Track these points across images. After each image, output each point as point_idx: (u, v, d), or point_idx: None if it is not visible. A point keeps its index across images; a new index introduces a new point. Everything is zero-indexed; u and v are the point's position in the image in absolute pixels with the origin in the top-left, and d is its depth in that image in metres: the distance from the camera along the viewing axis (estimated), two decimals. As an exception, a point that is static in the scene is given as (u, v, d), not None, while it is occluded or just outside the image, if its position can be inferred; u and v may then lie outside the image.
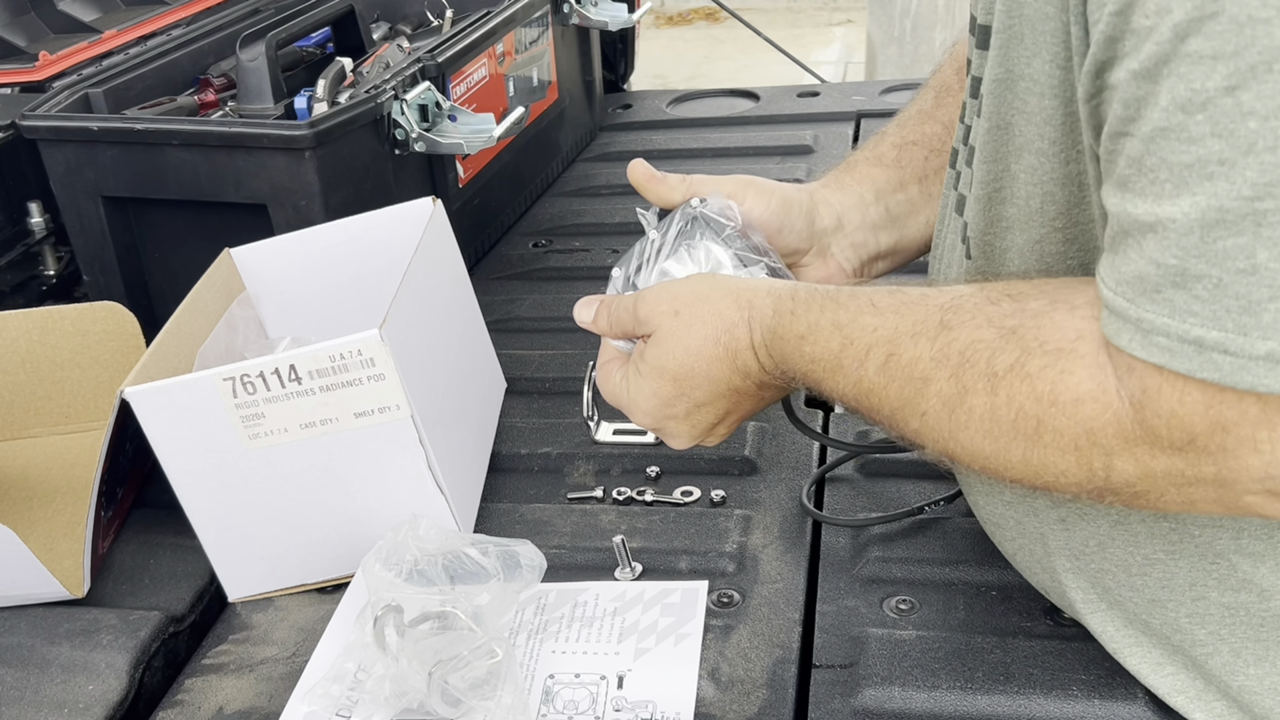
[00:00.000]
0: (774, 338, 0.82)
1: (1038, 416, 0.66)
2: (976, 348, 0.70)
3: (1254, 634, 0.73)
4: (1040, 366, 0.67)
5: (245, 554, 0.98)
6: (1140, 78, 0.58)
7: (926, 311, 0.74)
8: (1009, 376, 0.68)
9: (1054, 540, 0.82)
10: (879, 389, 0.76)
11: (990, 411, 0.69)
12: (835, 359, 0.78)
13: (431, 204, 1.13)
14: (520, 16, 1.60)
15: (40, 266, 1.44)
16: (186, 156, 1.23)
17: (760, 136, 1.88)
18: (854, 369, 0.77)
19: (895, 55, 4.38)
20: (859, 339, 0.77)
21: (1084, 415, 0.65)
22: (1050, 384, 0.66)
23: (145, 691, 0.92)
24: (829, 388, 0.80)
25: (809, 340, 0.80)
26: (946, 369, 0.71)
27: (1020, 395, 0.67)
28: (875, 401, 0.77)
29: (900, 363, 0.74)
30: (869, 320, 0.77)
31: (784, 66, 3.10)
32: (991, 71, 0.73)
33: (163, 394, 0.92)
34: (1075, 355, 0.65)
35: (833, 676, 0.85)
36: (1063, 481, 0.68)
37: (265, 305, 1.19)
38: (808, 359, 0.80)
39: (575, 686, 0.86)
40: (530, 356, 1.31)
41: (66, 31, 1.66)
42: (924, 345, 0.73)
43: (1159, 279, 0.59)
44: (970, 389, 0.70)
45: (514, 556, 0.90)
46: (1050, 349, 0.67)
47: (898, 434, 0.78)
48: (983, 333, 0.70)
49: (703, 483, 1.08)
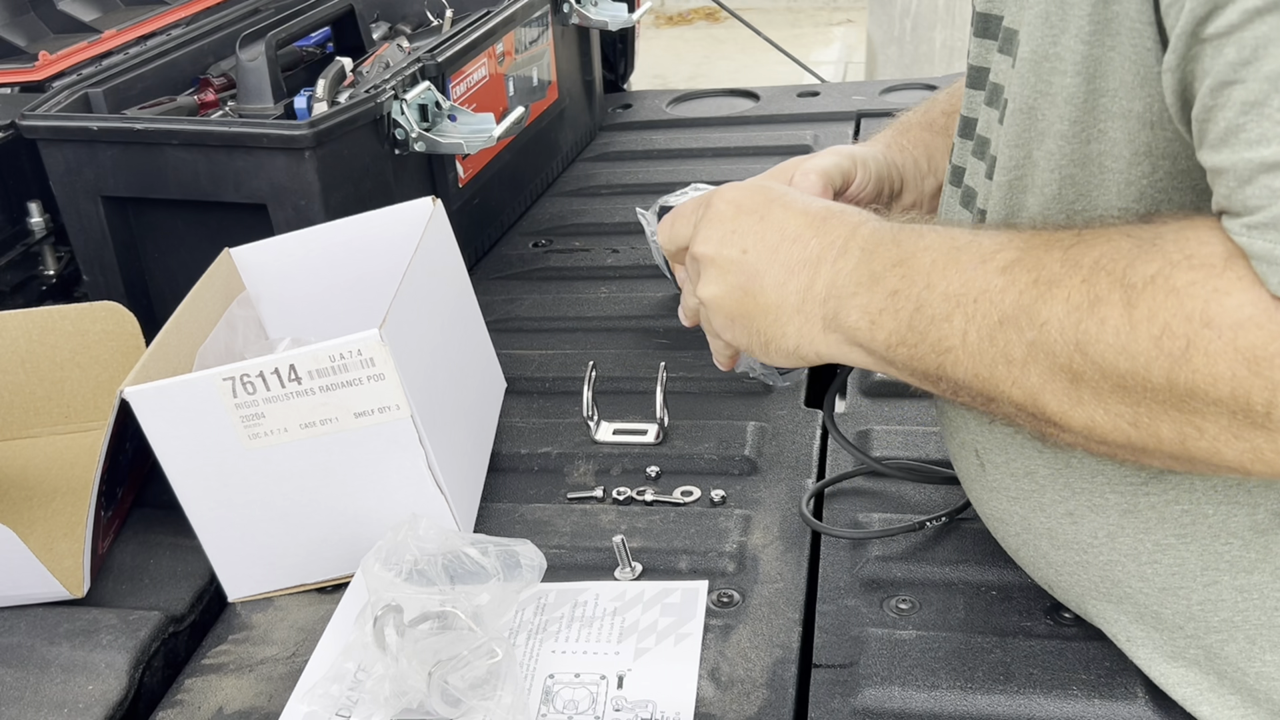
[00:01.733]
0: (891, 227, 0.75)
1: (1187, 336, 0.60)
2: (1113, 256, 0.63)
3: (1268, 618, 0.73)
4: (1188, 281, 0.60)
5: (245, 554, 0.98)
6: (1263, 14, 0.55)
7: (1063, 229, 0.68)
8: (1150, 289, 0.61)
9: (1062, 535, 0.82)
10: (995, 291, 0.67)
11: (1129, 326, 0.62)
12: (954, 250, 0.70)
13: (431, 204, 1.13)
14: (520, 16, 1.60)
15: (40, 266, 1.44)
16: (186, 156, 1.23)
17: (760, 136, 1.88)
18: (972, 266, 0.68)
19: (895, 55, 4.38)
20: (989, 238, 0.70)
21: (1246, 342, 0.58)
22: (1203, 302, 0.59)
23: (145, 691, 0.92)
24: (919, 286, 0.71)
25: (938, 230, 0.73)
26: (1078, 274, 0.64)
27: (1165, 310, 0.60)
28: (982, 306, 0.68)
29: (1027, 265, 0.66)
30: (1004, 232, 0.70)
31: (784, 66, 3.10)
32: (1024, 53, 0.71)
33: (162, 394, 0.92)
34: (1231, 274, 0.59)
35: (833, 676, 0.85)
36: (1209, 414, 0.61)
37: (265, 305, 1.19)
38: (922, 245, 0.72)
39: (575, 686, 0.86)
40: (530, 356, 1.31)
41: (66, 31, 1.66)
42: (1056, 253, 0.66)
43: None
44: (1103, 298, 0.63)
45: (514, 556, 0.90)
46: (1199, 263, 0.60)
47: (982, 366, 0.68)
48: (1119, 242, 0.64)
49: (703, 483, 1.08)
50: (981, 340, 0.68)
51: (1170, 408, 0.62)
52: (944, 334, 0.70)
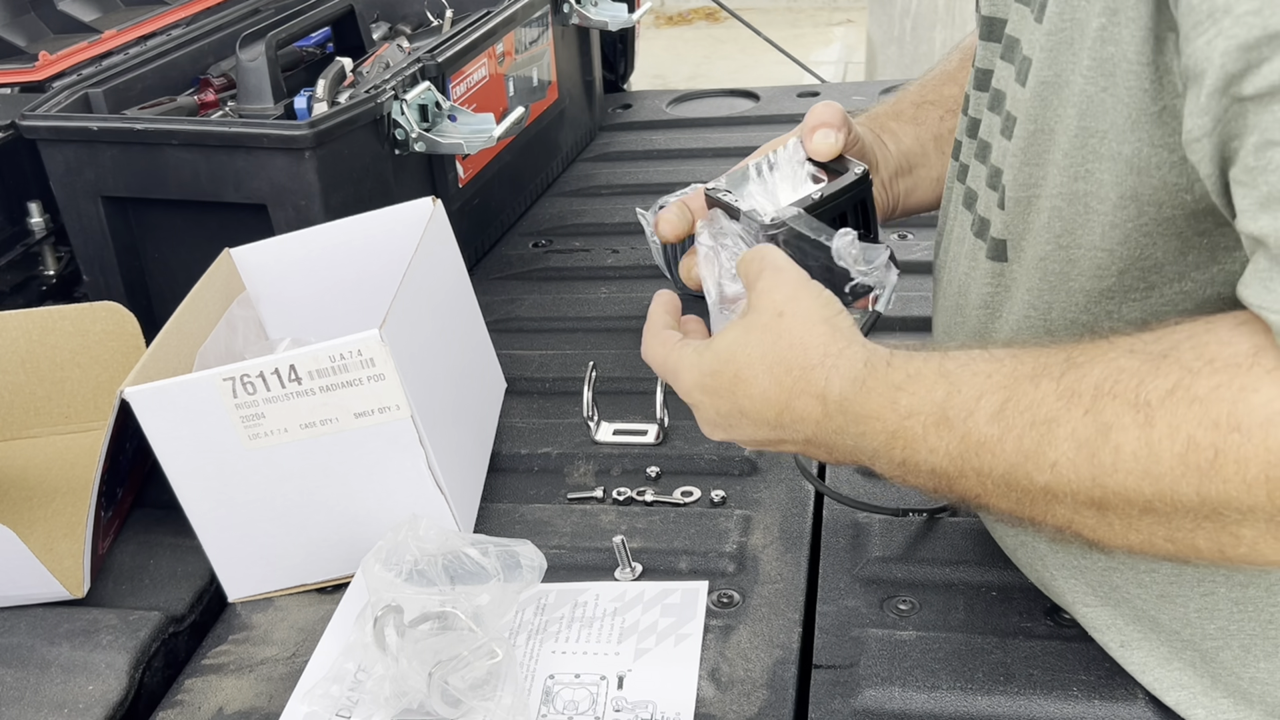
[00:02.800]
0: (859, 389, 0.71)
1: (1214, 446, 0.57)
2: (1118, 377, 0.60)
3: (1263, 630, 0.73)
4: (1211, 387, 0.57)
5: (245, 554, 0.98)
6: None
7: (1049, 353, 0.65)
8: (1168, 403, 0.58)
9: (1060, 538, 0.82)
10: (992, 442, 0.65)
11: (1147, 447, 0.59)
12: (938, 410, 0.67)
13: (431, 204, 1.13)
14: (520, 16, 1.60)
15: (40, 266, 1.44)
16: (186, 156, 1.23)
17: (760, 136, 1.87)
18: (961, 420, 0.66)
19: (895, 55, 4.38)
20: (968, 385, 0.67)
21: (1278, 439, 0.55)
22: (1229, 405, 0.56)
23: (145, 691, 0.92)
24: (922, 452, 0.68)
25: (907, 390, 0.69)
26: (1079, 406, 0.61)
27: (1188, 423, 0.57)
28: (986, 460, 0.65)
29: (1019, 407, 0.64)
30: (982, 366, 0.67)
31: (784, 66, 3.10)
32: (1039, 74, 0.69)
33: (163, 394, 0.92)
34: (1259, 370, 0.56)
35: (833, 677, 0.85)
36: (1246, 522, 0.58)
37: (265, 305, 1.19)
38: (902, 413, 0.69)
39: (575, 687, 0.86)
40: (530, 356, 1.31)
41: (66, 31, 1.66)
42: (1047, 385, 0.63)
43: None
44: (1114, 424, 0.60)
45: (514, 556, 0.90)
46: (1221, 366, 0.57)
47: (1011, 505, 0.67)
48: (1123, 361, 0.61)
49: (703, 483, 1.08)
50: (999, 488, 0.67)
51: (1204, 520, 0.60)
52: (966, 487, 0.69)
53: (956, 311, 0.87)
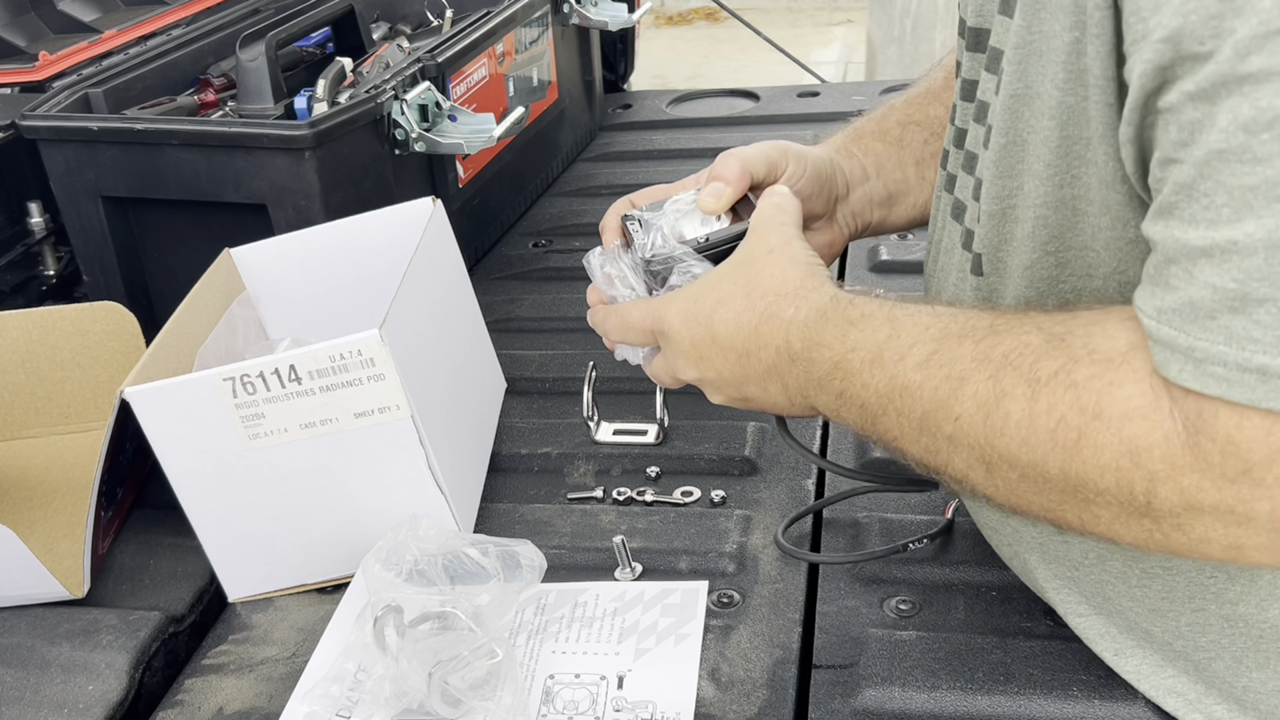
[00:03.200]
0: (819, 318, 0.77)
1: (1079, 428, 0.62)
2: (1021, 351, 0.66)
3: (1254, 645, 0.73)
4: (1087, 376, 0.63)
5: (245, 554, 0.98)
6: (1196, 100, 0.56)
7: (979, 317, 0.71)
8: (1052, 383, 0.64)
9: (1053, 551, 0.82)
10: (914, 387, 0.71)
11: (1029, 419, 0.65)
12: (877, 350, 0.73)
13: (431, 204, 1.13)
14: (520, 16, 1.60)
15: (40, 266, 1.44)
16: (186, 156, 1.23)
17: (760, 136, 1.86)
18: (893, 362, 0.72)
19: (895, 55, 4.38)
20: (907, 332, 0.72)
21: (1130, 433, 0.61)
22: (1096, 395, 0.62)
23: (145, 691, 0.92)
24: (856, 385, 0.75)
25: (858, 326, 0.75)
26: (986, 370, 0.67)
27: (1063, 404, 0.63)
28: (907, 402, 0.71)
29: (941, 360, 0.70)
30: (923, 318, 0.73)
31: (784, 66, 3.10)
32: (1009, 86, 0.71)
33: (163, 394, 0.92)
34: (1127, 367, 0.62)
35: (833, 677, 0.85)
36: (1099, 503, 0.64)
37: (265, 305, 1.19)
38: (848, 346, 0.75)
39: (575, 687, 0.86)
40: (530, 356, 1.31)
41: (66, 31, 1.66)
42: (968, 345, 0.69)
43: (1213, 304, 0.56)
44: (1008, 393, 0.66)
45: (514, 556, 0.90)
46: (1100, 358, 0.63)
47: (920, 451, 0.73)
48: (1029, 337, 0.67)
49: (703, 483, 1.08)
50: (913, 431, 0.72)
51: (1068, 496, 0.65)
52: (886, 426, 0.74)
53: None
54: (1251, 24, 0.53)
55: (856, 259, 1.48)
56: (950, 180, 0.87)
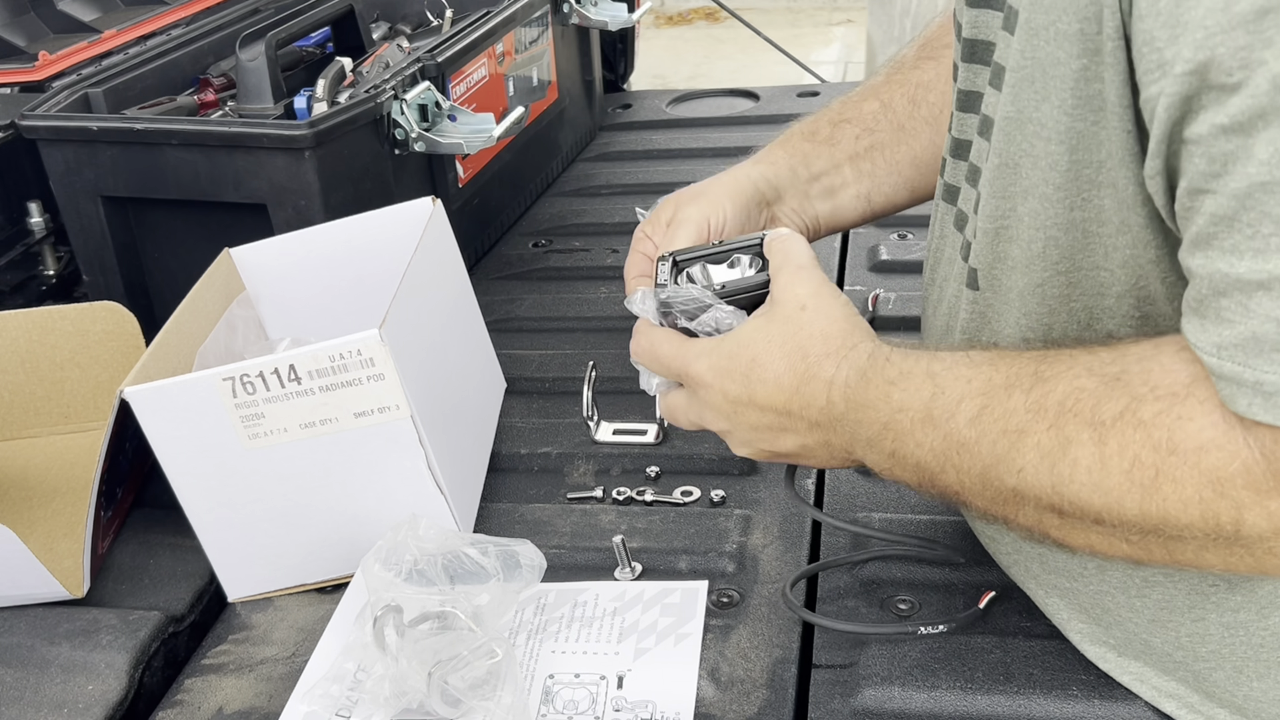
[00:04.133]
0: (860, 379, 0.76)
1: (1155, 466, 0.62)
2: (1078, 397, 0.66)
3: (1254, 653, 0.73)
4: (1154, 413, 0.63)
5: (245, 554, 0.98)
6: (1229, 132, 0.56)
7: (1021, 363, 0.70)
8: (1119, 424, 0.64)
9: (1053, 561, 0.82)
10: (970, 444, 0.70)
11: (1100, 463, 0.64)
12: (925, 409, 0.73)
13: (431, 204, 1.13)
14: (520, 16, 1.60)
15: (40, 266, 1.44)
16: (186, 156, 1.23)
17: (760, 136, 1.86)
18: (944, 420, 0.71)
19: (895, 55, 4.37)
20: (951, 389, 0.72)
21: (1208, 464, 0.61)
22: (1168, 431, 0.62)
23: (145, 691, 0.92)
24: (910, 445, 0.74)
25: (899, 385, 0.74)
26: (1044, 420, 0.67)
27: (1134, 444, 0.63)
28: (965, 459, 0.71)
29: (994, 415, 0.69)
30: (964, 371, 0.72)
31: (784, 66, 3.10)
32: (1003, 110, 0.71)
33: (162, 394, 0.92)
34: (1193, 400, 0.61)
35: (833, 676, 0.85)
36: (1184, 537, 0.63)
37: (265, 305, 1.19)
38: (894, 406, 0.74)
39: (575, 686, 0.86)
40: (530, 356, 1.31)
41: (66, 31, 1.65)
42: (1018, 397, 0.68)
43: (1278, 337, 0.56)
44: (1074, 439, 0.65)
45: (514, 556, 0.90)
46: (1163, 394, 0.63)
47: (986, 503, 0.72)
48: (1083, 381, 0.66)
49: (703, 483, 1.08)
50: (975, 486, 0.72)
51: (1150, 535, 0.65)
52: (947, 483, 0.74)
53: (947, 334, 0.87)
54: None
55: (856, 259, 1.48)
56: (951, 191, 0.87)
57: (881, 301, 1.34)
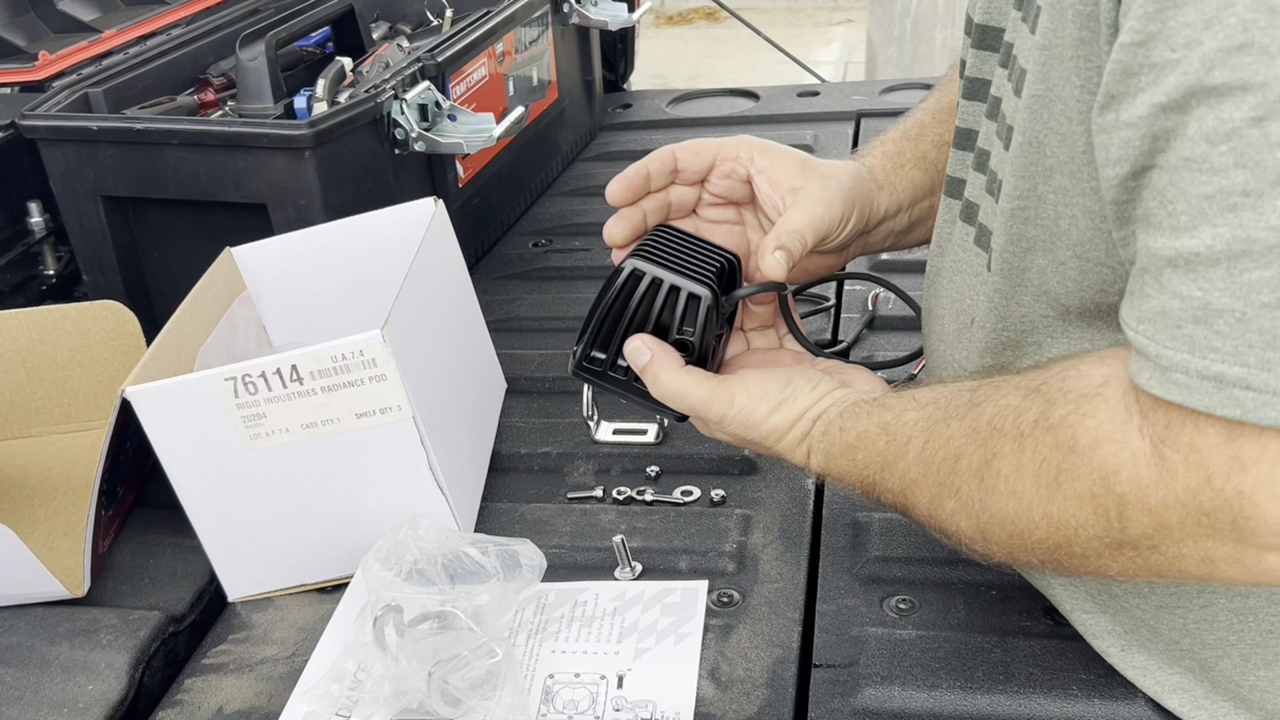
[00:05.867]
0: (828, 459, 0.83)
1: (1057, 465, 0.64)
2: (1003, 413, 0.69)
3: (1262, 639, 0.73)
4: (1063, 415, 0.65)
5: (245, 554, 0.98)
6: (1167, 110, 0.56)
7: (959, 394, 0.74)
8: (1034, 431, 0.66)
9: None
10: (919, 479, 0.75)
11: (1016, 469, 0.67)
12: (882, 458, 0.78)
13: (433, 204, 1.13)
14: (520, 16, 1.60)
15: (40, 266, 1.44)
16: (186, 156, 1.23)
17: (760, 136, 1.87)
18: (897, 463, 0.76)
19: (895, 55, 4.38)
20: (900, 433, 0.77)
21: (1101, 457, 0.62)
22: (1071, 429, 0.64)
23: (145, 691, 0.92)
24: (881, 490, 0.80)
25: (860, 448, 0.80)
26: (975, 441, 0.70)
27: (1044, 446, 0.65)
28: (916, 495, 0.76)
29: (934, 445, 0.74)
30: (911, 416, 0.77)
31: (784, 66, 3.10)
32: (1032, 87, 0.71)
33: (164, 393, 0.92)
34: (1099, 398, 0.64)
35: (833, 676, 0.85)
36: (1081, 536, 0.65)
37: (266, 305, 1.19)
38: (860, 465, 0.80)
39: (575, 686, 0.86)
40: (530, 356, 1.31)
41: (66, 31, 1.66)
42: (954, 425, 0.72)
43: (1180, 313, 0.57)
44: (998, 453, 0.68)
45: (514, 556, 0.90)
46: (1074, 396, 0.65)
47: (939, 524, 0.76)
48: (1008, 399, 0.69)
49: (703, 482, 1.08)
50: (926, 515, 0.77)
51: (1054, 546, 0.67)
52: (909, 508, 0.79)
53: (955, 321, 0.87)
54: (1218, 39, 0.53)
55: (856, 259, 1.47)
56: (955, 185, 0.87)
57: (881, 301, 1.34)
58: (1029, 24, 0.71)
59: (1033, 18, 0.70)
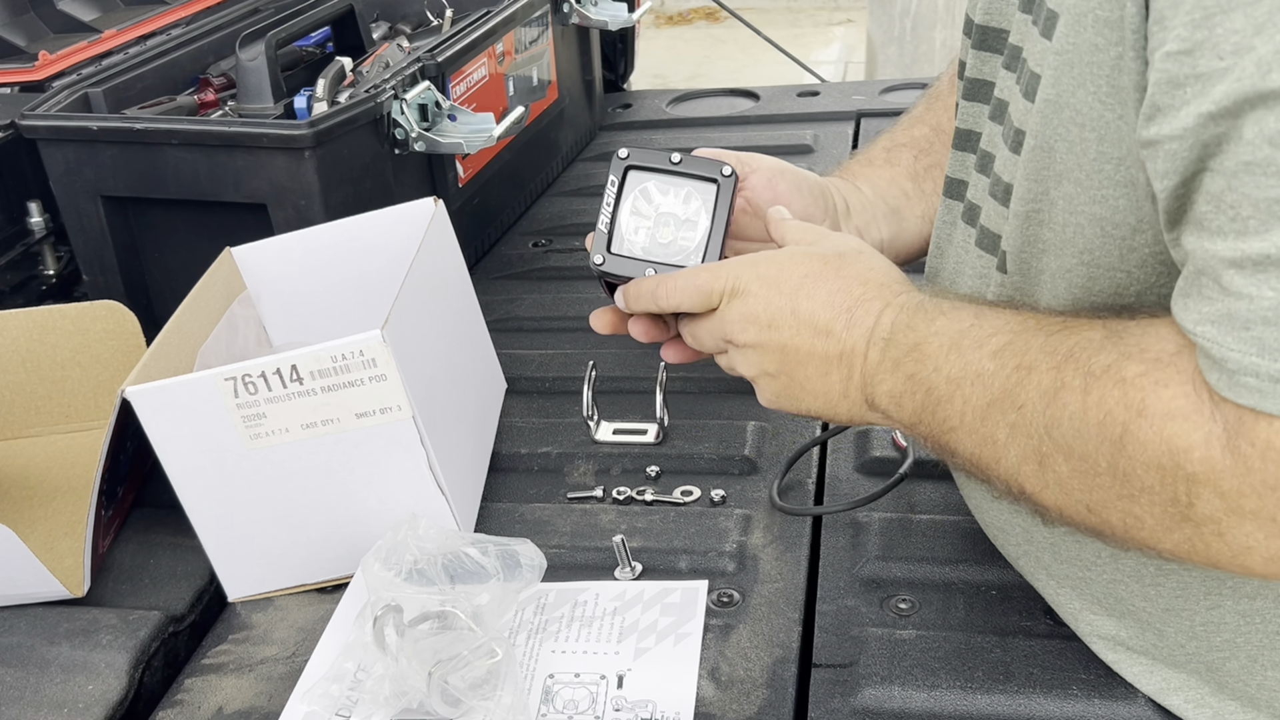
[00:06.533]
0: (916, 307, 0.78)
1: (1124, 423, 0.63)
2: (1083, 345, 0.67)
3: (1270, 641, 0.73)
4: (1136, 373, 0.63)
5: (245, 554, 0.98)
6: (1216, 118, 0.56)
7: (1057, 315, 0.72)
8: (1104, 377, 0.65)
9: (1065, 551, 0.82)
10: (987, 375, 0.71)
11: (1081, 411, 0.65)
12: (957, 336, 0.74)
13: (433, 204, 1.13)
14: (520, 16, 1.60)
15: (40, 266, 1.44)
16: (186, 156, 1.23)
17: (760, 136, 1.88)
18: (971, 349, 0.73)
19: (895, 55, 4.38)
20: (989, 322, 0.74)
21: (1172, 431, 0.61)
22: (1142, 392, 0.63)
23: (145, 691, 0.92)
24: (929, 369, 0.75)
25: (946, 315, 0.76)
26: (1052, 360, 0.68)
27: (1110, 398, 0.64)
28: (976, 390, 0.72)
29: (1014, 349, 0.71)
30: (1007, 313, 0.74)
31: (784, 66, 3.10)
32: (1045, 91, 0.71)
33: (164, 393, 0.92)
34: (1173, 368, 0.62)
35: (833, 676, 0.85)
36: (1144, 501, 0.64)
37: (266, 305, 1.19)
38: (933, 330, 0.76)
39: (575, 686, 0.86)
40: (530, 356, 1.31)
41: (66, 31, 1.66)
42: (1039, 338, 0.70)
43: (1249, 315, 0.57)
44: (1066, 384, 0.67)
45: (514, 556, 0.90)
46: (1149, 357, 0.64)
47: (975, 445, 0.73)
48: (1093, 332, 0.68)
49: (703, 482, 1.08)
50: (975, 420, 0.73)
51: (1115, 495, 0.65)
52: (948, 414, 0.74)
53: None
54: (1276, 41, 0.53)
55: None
56: (957, 186, 0.87)
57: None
58: (1039, 27, 0.71)
59: (1043, 21, 0.70)
